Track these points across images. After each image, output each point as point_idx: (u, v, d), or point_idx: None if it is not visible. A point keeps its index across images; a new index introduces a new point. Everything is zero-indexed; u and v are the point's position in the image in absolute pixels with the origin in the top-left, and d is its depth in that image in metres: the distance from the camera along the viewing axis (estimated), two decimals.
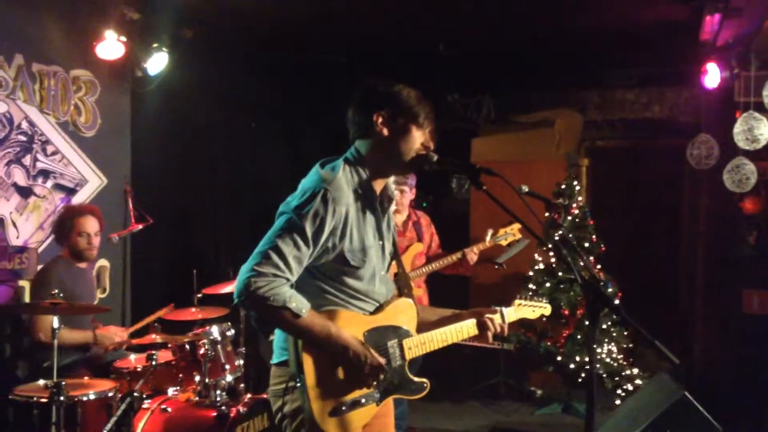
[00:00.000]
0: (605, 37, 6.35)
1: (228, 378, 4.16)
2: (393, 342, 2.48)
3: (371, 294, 2.47)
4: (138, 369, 4.06)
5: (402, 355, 2.50)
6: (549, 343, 6.19)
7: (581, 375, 5.98)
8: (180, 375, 4.17)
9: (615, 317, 6.09)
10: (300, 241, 2.27)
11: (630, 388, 5.88)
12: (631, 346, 6.18)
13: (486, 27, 6.27)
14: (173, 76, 5.69)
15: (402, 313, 2.55)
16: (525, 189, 2.41)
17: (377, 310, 2.49)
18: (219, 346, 4.17)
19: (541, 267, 6.47)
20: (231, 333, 4.33)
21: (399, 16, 5.95)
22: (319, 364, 2.32)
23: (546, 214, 5.98)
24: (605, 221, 6.88)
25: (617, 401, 5.77)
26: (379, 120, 2.42)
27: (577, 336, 6.09)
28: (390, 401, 2.56)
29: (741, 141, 5.64)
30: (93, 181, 5.36)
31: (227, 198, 6.98)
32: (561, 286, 6.27)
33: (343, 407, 2.34)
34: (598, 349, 5.95)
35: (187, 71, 5.89)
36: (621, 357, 6.08)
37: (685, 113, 7.73)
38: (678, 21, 5.69)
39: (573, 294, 6.17)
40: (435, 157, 2.43)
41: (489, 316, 2.67)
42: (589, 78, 7.81)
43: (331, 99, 4.38)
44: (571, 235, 6.29)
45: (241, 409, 3.89)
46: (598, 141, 8.53)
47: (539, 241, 2.68)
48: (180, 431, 3.85)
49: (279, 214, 2.36)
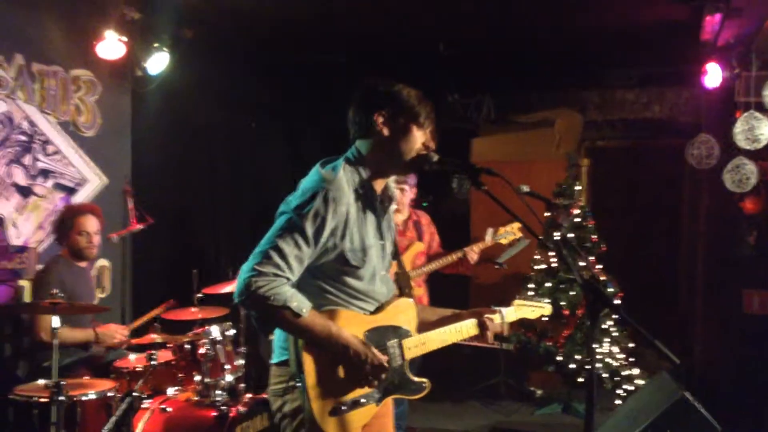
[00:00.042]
0: (605, 37, 6.35)
1: (228, 378, 4.15)
2: (393, 342, 2.48)
3: (371, 294, 2.47)
4: (138, 369, 4.07)
5: (402, 355, 2.50)
6: (549, 343, 6.19)
7: (581, 375, 5.98)
8: (180, 375, 4.17)
9: (615, 317, 6.09)
10: (301, 241, 2.27)
11: (630, 388, 5.87)
12: (631, 346, 6.17)
13: (486, 27, 6.27)
14: (174, 75, 5.69)
15: (402, 313, 2.55)
16: (525, 189, 2.41)
17: (377, 310, 2.49)
18: (219, 345, 4.16)
19: (542, 267, 6.47)
20: (231, 333, 4.32)
21: (399, 16, 5.95)
22: (320, 363, 2.31)
23: (546, 214, 6.02)
24: (605, 221, 6.87)
25: (617, 401, 5.77)
26: (380, 120, 2.42)
27: (577, 336, 6.09)
28: (389, 401, 2.56)
29: (741, 141, 5.64)
30: (93, 181, 5.36)
31: (227, 198, 6.98)
32: (561, 286, 6.26)
33: (343, 407, 2.34)
34: (598, 349, 5.95)
35: (188, 71, 5.89)
36: (621, 357, 6.08)
37: (686, 113, 7.73)
38: (678, 21, 5.69)
39: (573, 294, 6.16)
40: (435, 157, 2.43)
41: (489, 316, 2.68)
42: (590, 78, 7.80)
43: (332, 99, 4.38)
44: (572, 235, 6.28)
45: (241, 409, 3.89)
46: (598, 141, 8.53)
47: (539, 241, 2.68)
48: (180, 431, 3.84)
49: (279, 213, 2.36)
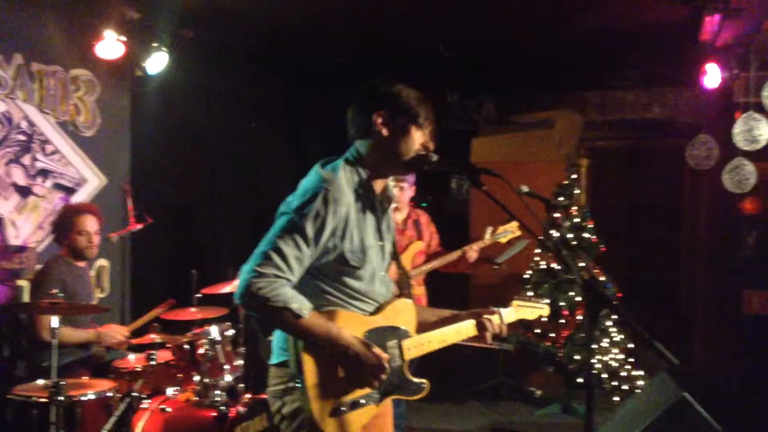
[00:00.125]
0: (605, 38, 6.35)
1: (227, 378, 4.15)
2: (392, 342, 2.48)
3: (371, 294, 2.47)
4: (137, 369, 4.06)
5: (401, 356, 2.49)
6: (549, 344, 6.18)
7: (581, 375, 5.97)
8: (179, 375, 4.17)
9: (614, 318, 6.08)
10: (301, 242, 2.26)
11: (629, 388, 5.87)
12: (631, 346, 6.17)
13: (486, 27, 6.27)
14: (173, 75, 5.69)
15: (401, 314, 2.55)
16: (525, 189, 2.41)
17: (377, 310, 2.49)
18: (218, 346, 4.16)
19: (541, 267, 6.47)
20: (230, 333, 4.32)
21: (400, 16, 5.95)
22: (319, 364, 2.31)
23: (546, 214, 6.02)
24: (605, 222, 6.87)
25: (617, 402, 5.77)
26: (379, 120, 2.42)
27: (577, 336, 6.09)
28: (389, 402, 2.55)
29: (740, 141, 5.63)
30: (92, 181, 5.36)
31: (227, 197, 6.98)
32: (560, 286, 6.26)
33: (343, 408, 2.34)
34: (597, 350, 5.94)
35: (187, 71, 5.89)
36: (621, 357, 6.08)
37: (685, 114, 7.73)
38: (678, 22, 5.69)
39: (572, 294, 6.16)
40: (435, 157, 2.43)
41: (488, 316, 2.67)
42: (590, 78, 7.81)
43: (332, 99, 4.37)
44: (571, 236, 6.28)
45: (241, 409, 3.89)
46: (597, 141, 8.53)
47: (539, 242, 2.68)
48: (179, 431, 3.84)
49: (279, 214, 2.35)
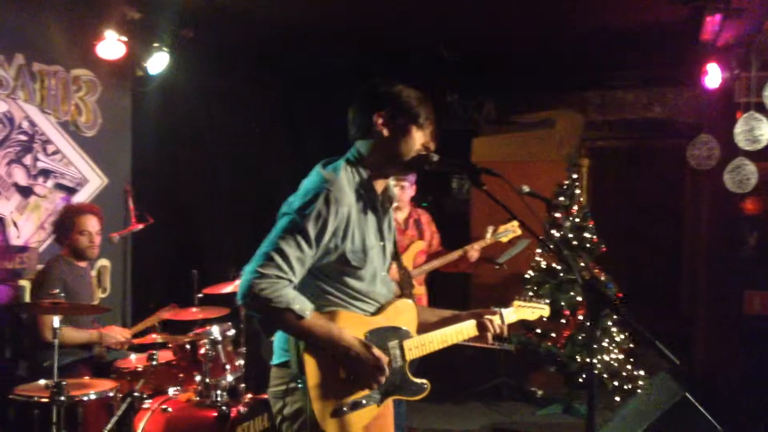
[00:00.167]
0: (606, 38, 6.35)
1: (229, 378, 4.16)
2: (394, 343, 2.48)
3: (372, 295, 2.47)
4: (139, 369, 4.07)
5: (402, 356, 2.49)
6: (550, 344, 6.18)
7: (582, 375, 5.97)
8: (181, 375, 4.17)
9: (616, 317, 6.08)
10: (303, 243, 2.26)
11: (631, 388, 5.87)
12: (632, 346, 6.17)
13: (486, 27, 6.26)
14: (174, 75, 5.69)
15: (402, 314, 2.55)
16: (526, 189, 2.41)
17: (378, 311, 2.49)
18: (219, 346, 4.17)
19: (542, 267, 6.46)
20: (231, 333, 4.33)
21: (400, 17, 5.95)
22: (321, 365, 2.31)
23: (546, 214, 6.01)
24: (606, 222, 6.87)
25: (618, 401, 5.76)
26: (379, 120, 2.42)
27: (578, 336, 6.08)
28: (390, 402, 2.55)
29: (742, 141, 5.63)
30: (93, 181, 5.36)
31: (228, 197, 6.98)
32: (561, 286, 6.26)
33: (344, 408, 2.34)
34: (598, 350, 5.94)
35: (188, 71, 5.89)
36: (622, 357, 6.07)
37: (686, 114, 7.73)
38: (678, 21, 5.68)
39: (574, 294, 6.16)
40: (435, 157, 2.43)
41: (488, 317, 2.67)
42: (590, 78, 7.81)
43: (333, 99, 4.37)
44: (572, 236, 6.28)
45: (242, 409, 3.89)
46: (598, 141, 8.54)
47: (540, 242, 2.69)
48: (180, 431, 3.85)
49: (281, 215, 2.35)
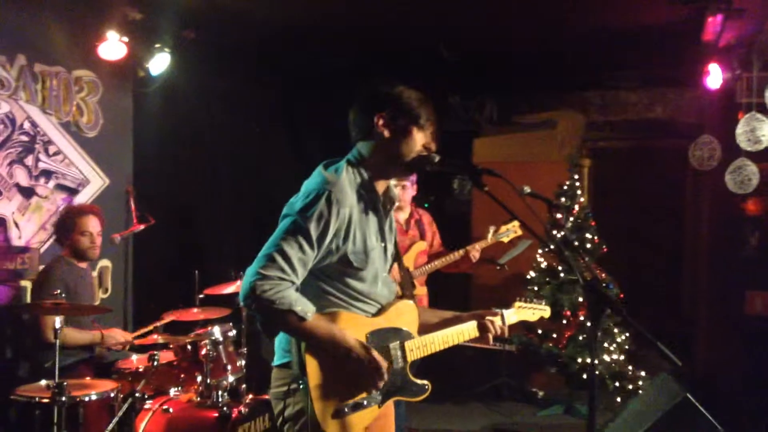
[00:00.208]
0: (607, 38, 6.35)
1: (230, 378, 4.16)
2: (395, 344, 2.48)
3: (373, 296, 2.47)
4: (140, 369, 4.07)
5: (404, 357, 2.49)
6: (551, 345, 6.18)
7: (583, 376, 5.97)
8: (182, 375, 4.17)
9: (617, 318, 6.08)
10: (305, 244, 2.26)
11: (632, 389, 5.86)
12: (634, 347, 6.16)
13: (486, 27, 6.26)
14: (175, 76, 5.70)
15: (403, 315, 2.55)
16: (527, 190, 2.40)
17: (379, 312, 2.49)
18: (221, 346, 4.17)
19: (543, 268, 6.46)
20: (233, 333, 4.33)
21: (400, 16, 5.95)
22: (322, 366, 2.31)
23: (548, 215, 6.01)
24: (607, 222, 6.86)
25: (619, 402, 5.76)
26: (380, 122, 2.41)
27: (579, 337, 6.08)
28: (391, 402, 2.55)
29: (743, 142, 5.62)
30: (95, 182, 5.36)
31: (229, 198, 6.99)
32: (563, 287, 6.26)
33: (346, 409, 2.34)
34: (599, 350, 5.94)
35: (189, 72, 5.89)
36: (623, 358, 6.07)
37: (688, 114, 7.73)
38: (680, 22, 5.68)
39: (575, 295, 6.15)
40: (437, 158, 2.43)
41: (489, 318, 2.68)
42: (592, 79, 7.80)
43: (333, 99, 4.37)
44: (573, 236, 6.28)
45: (243, 410, 3.89)
46: (600, 142, 8.53)
47: (541, 242, 2.69)
48: None
49: (283, 216, 2.35)
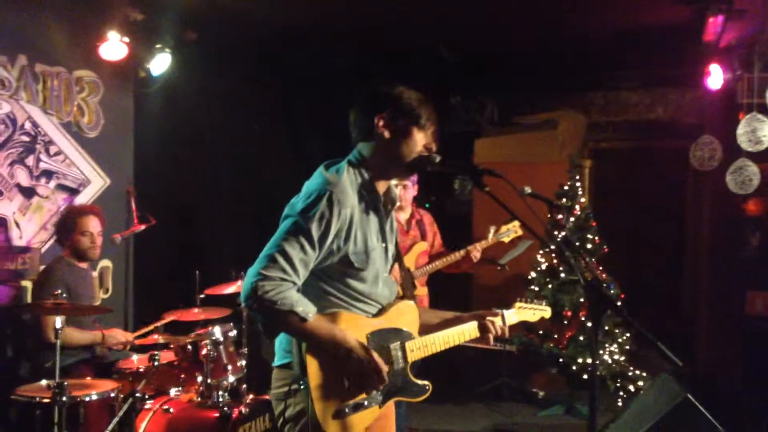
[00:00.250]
0: (608, 39, 6.35)
1: (230, 379, 4.16)
2: (396, 344, 2.48)
3: (374, 296, 2.46)
4: (140, 369, 4.07)
5: (404, 358, 2.49)
6: (551, 345, 6.17)
7: (584, 376, 5.97)
8: (182, 375, 4.17)
9: (618, 319, 6.07)
10: (306, 244, 2.26)
11: (633, 389, 5.86)
12: (634, 347, 6.16)
13: (487, 28, 6.26)
14: (176, 77, 5.70)
15: (404, 316, 2.55)
16: (528, 190, 2.40)
17: (380, 312, 2.49)
18: (221, 346, 4.17)
19: (544, 268, 6.46)
20: (233, 333, 4.33)
21: (400, 16, 5.95)
22: (323, 366, 2.31)
23: (549, 215, 6.01)
24: (608, 223, 6.86)
25: (620, 403, 5.76)
26: (380, 123, 2.41)
27: (580, 337, 6.08)
28: (392, 402, 2.55)
29: (744, 142, 5.62)
30: (96, 182, 5.37)
31: (230, 198, 6.99)
32: (563, 287, 6.25)
33: (346, 410, 2.34)
34: (600, 351, 5.94)
35: (190, 72, 5.90)
36: (624, 358, 6.07)
37: (689, 115, 7.73)
38: (681, 22, 5.68)
39: (575, 295, 6.15)
40: (437, 159, 2.43)
41: (490, 318, 2.68)
42: (592, 79, 7.80)
43: (333, 99, 4.38)
44: (574, 237, 6.27)
45: (244, 410, 3.89)
46: (601, 142, 8.53)
47: (541, 242, 2.69)
48: None
49: (284, 217, 2.35)
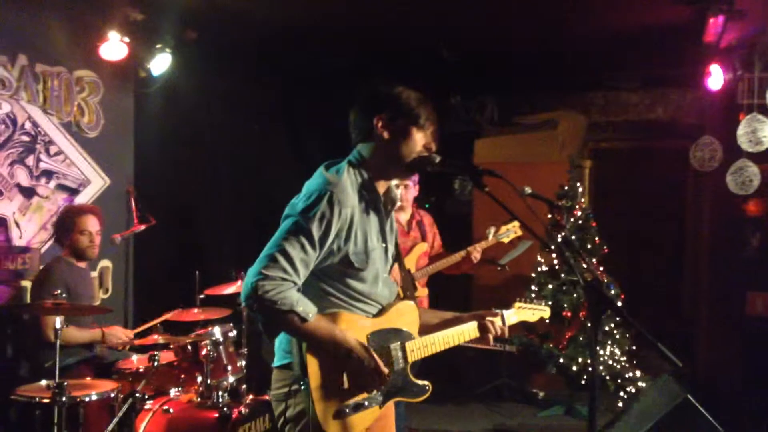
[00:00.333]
0: (609, 39, 6.35)
1: (230, 379, 4.16)
2: (396, 345, 2.48)
3: (374, 296, 2.46)
4: (140, 370, 4.06)
5: (405, 358, 2.49)
6: (551, 345, 6.17)
7: (584, 377, 5.97)
8: (182, 376, 4.17)
9: (618, 319, 6.07)
10: (307, 244, 2.26)
11: (633, 390, 5.86)
12: (634, 348, 6.16)
13: (487, 28, 6.26)
14: (176, 77, 5.70)
15: (404, 316, 2.55)
16: (528, 191, 2.40)
17: (380, 312, 2.49)
18: (221, 347, 4.17)
19: (544, 268, 6.46)
20: (233, 334, 4.33)
21: (400, 16, 5.95)
22: (324, 366, 2.31)
23: (549, 215, 6.01)
24: (608, 223, 6.86)
25: (620, 404, 5.76)
26: (380, 123, 2.41)
27: (580, 338, 6.07)
28: (392, 403, 2.55)
29: (744, 143, 5.62)
30: (96, 182, 5.37)
31: (230, 198, 6.99)
32: (563, 287, 6.25)
33: (347, 410, 2.34)
34: (600, 351, 5.93)
35: (191, 72, 5.90)
36: (624, 359, 6.07)
37: (689, 115, 7.73)
38: (681, 23, 5.68)
39: (575, 296, 6.15)
40: (437, 159, 2.42)
41: (490, 318, 2.68)
42: (592, 79, 7.80)
43: (333, 99, 4.37)
44: (574, 237, 6.27)
45: (243, 410, 3.89)
46: (601, 143, 8.53)
47: (541, 243, 2.69)
48: None
49: (284, 217, 2.35)
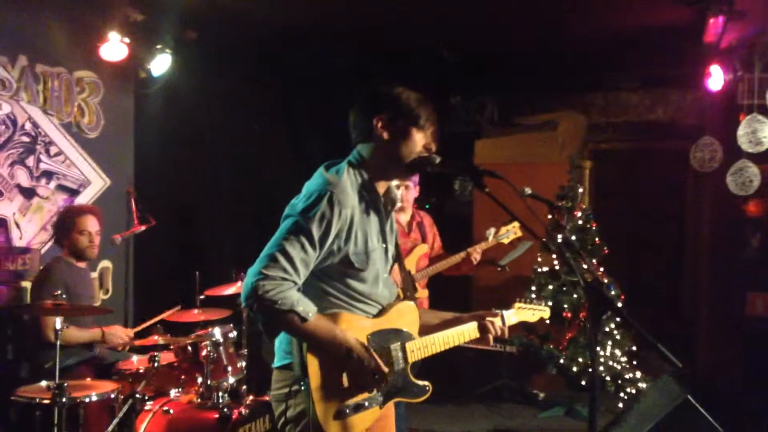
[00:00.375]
0: (609, 40, 6.35)
1: (230, 380, 4.15)
2: (396, 345, 2.48)
3: (374, 297, 2.46)
4: (140, 370, 4.06)
5: (405, 358, 2.49)
6: (552, 346, 6.17)
7: (584, 378, 5.96)
8: (182, 376, 4.17)
9: (618, 320, 6.07)
10: (307, 244, 2.26)
11: (633, 391, 5.86)
12: (634, 349, 6.16)
13: (487, 28, 6.26)
14: (176, 77, 5.70)
15: (404, 316, 2.55)
16: (528, 191, 2.40)
17: (380, 313, 2.49)
18: (221, 347, 4.16)
19: (544, 269, 6.46)
20: (233, 334, 4.33)
21: (400, 16, 5.95)
22: (324, 367, 2.31)
23: (549, 216, 6.01)
24: (608, 224, 6.86)
25: (620, 404, 5.76)
26: (379, 124, 2.41)
27: (580, 339, 6.07)
28: (392, 403, 2.55)
29: (744, 144, 5.62)
30: (96, 183, 5.37)
31: (230, 199, 6.99)
32: (564, 288, 6.25)
33: (347, 410, 2.34)
34: (601, 352, 5.93)
35: (191, 73, 5.90)
36: (624, 360, 6.07)
37: (689, 116, 7.72)
38: (682, 23, 5.68)
39: (576, 296, 6.15)
40: (437, 159, 2.42)
41: (490, 319, 2.68)
42: (593, 80, 7.80)
43: (333, 99, 4.37)
44: (574, 238, 6.27)
45: (243, 411, 3.89)
46: (601, 143, 8.53)
47: (542, 244, 2.68)
48: None
49: (285, 217, 2.35)
